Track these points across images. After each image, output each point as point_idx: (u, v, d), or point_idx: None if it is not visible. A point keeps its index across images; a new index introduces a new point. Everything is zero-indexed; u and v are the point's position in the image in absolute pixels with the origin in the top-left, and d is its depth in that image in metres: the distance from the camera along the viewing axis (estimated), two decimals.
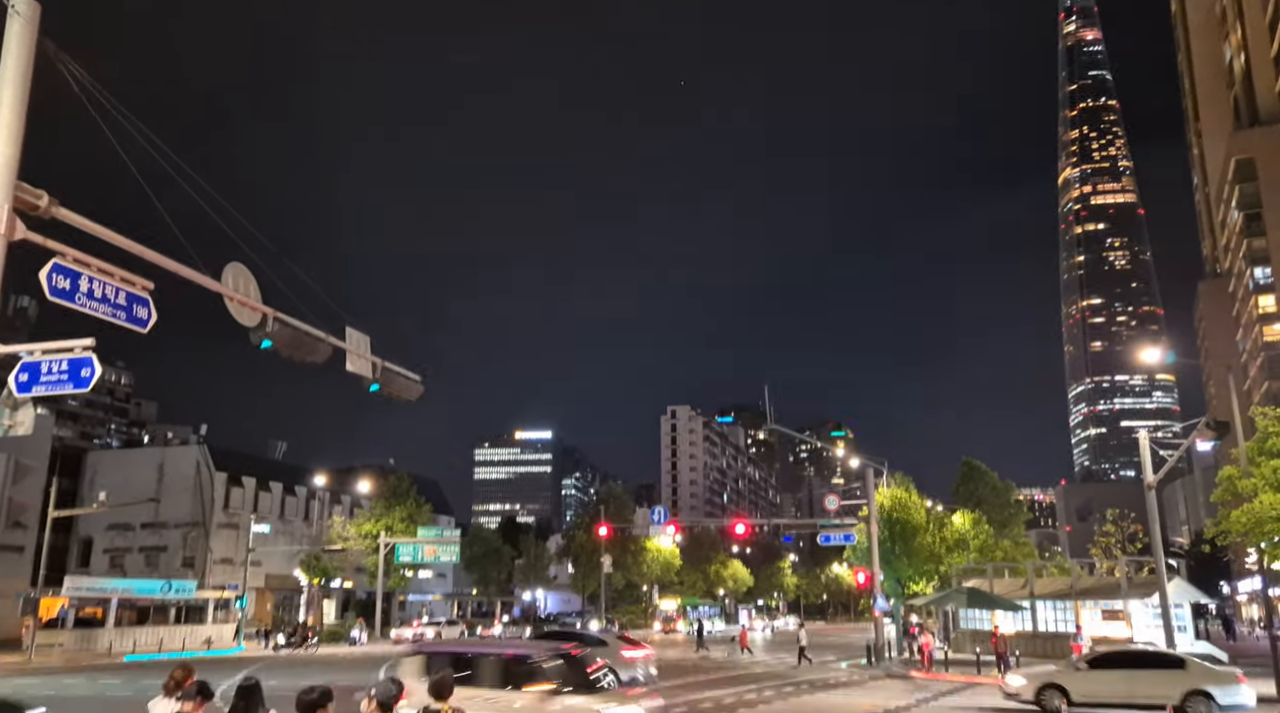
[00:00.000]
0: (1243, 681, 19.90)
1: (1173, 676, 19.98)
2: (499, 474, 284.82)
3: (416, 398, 16.68)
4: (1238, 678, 19.93)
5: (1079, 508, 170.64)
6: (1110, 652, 22.86)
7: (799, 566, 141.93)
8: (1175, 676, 19.96)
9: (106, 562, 67.83)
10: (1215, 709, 19.18)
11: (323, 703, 6.06)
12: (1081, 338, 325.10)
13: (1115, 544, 63.53)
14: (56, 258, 9.06)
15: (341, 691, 6.42)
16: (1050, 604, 40.95)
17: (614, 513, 79.25)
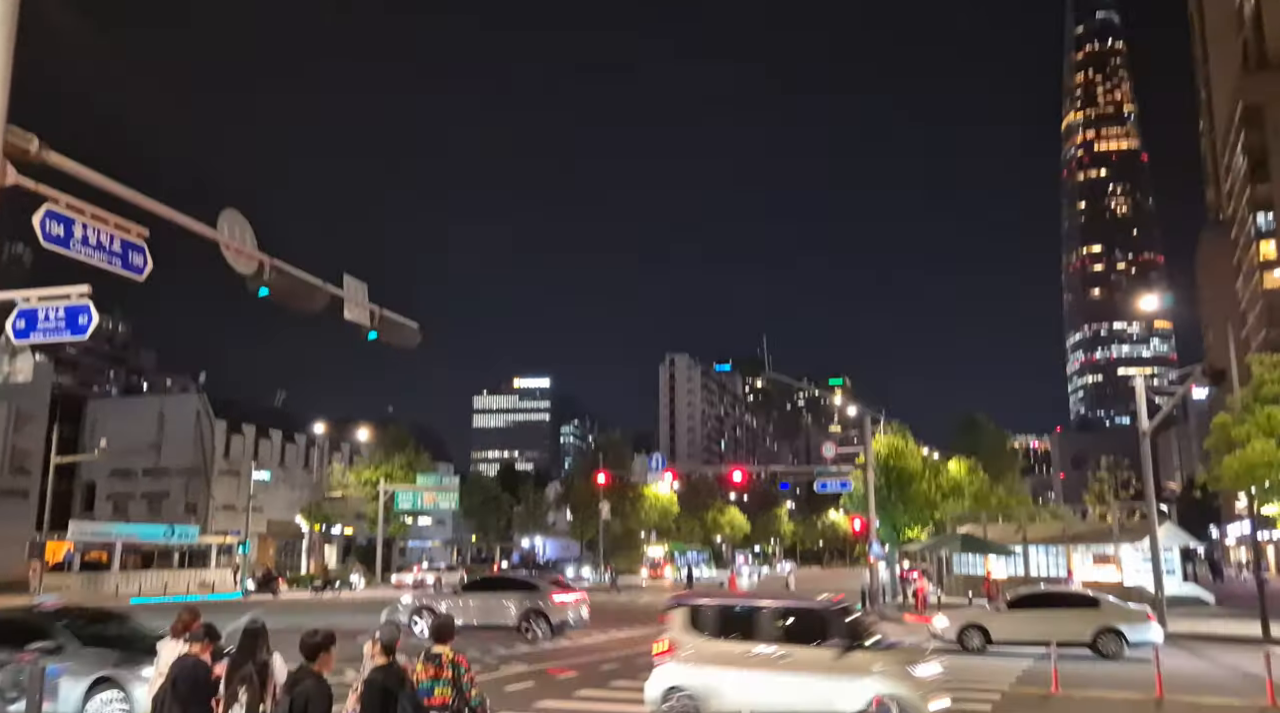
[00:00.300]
0: (1151, 618, 20.77)
1: (1087, 614, 20.68)
2: (497, 422, 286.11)
3: (415, 346, 16.68)
4: (1147, 616, 20.77)
5: (1074, 456, 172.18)
6: (1029, 593, 23.70)
7: (796, 513, 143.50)
8: (1089, 614, 20.67)
9: (110, 507, 68.49)
10: (1125, 645, 19.95)
11: (326, 646, 6.16)
12: (1081, 286, 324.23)
13: (1108, 491, 64.14)
14: (49, 204, 8.97)
15: (343, 634, 6.51)
16: (1043, 549, 41.53)
17: (612, 461, 79.75)
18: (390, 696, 6.01)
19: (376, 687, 6.04)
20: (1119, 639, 20.08)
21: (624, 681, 15.62)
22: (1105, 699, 14.22)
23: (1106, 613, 20.65)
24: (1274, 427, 24.88)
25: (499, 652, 20.21)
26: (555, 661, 18.98)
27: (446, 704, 6.69)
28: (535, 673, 17.11)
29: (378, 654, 6.32)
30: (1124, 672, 17.49)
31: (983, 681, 16.12)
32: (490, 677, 16.03)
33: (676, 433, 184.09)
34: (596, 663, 18.65)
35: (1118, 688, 15.37)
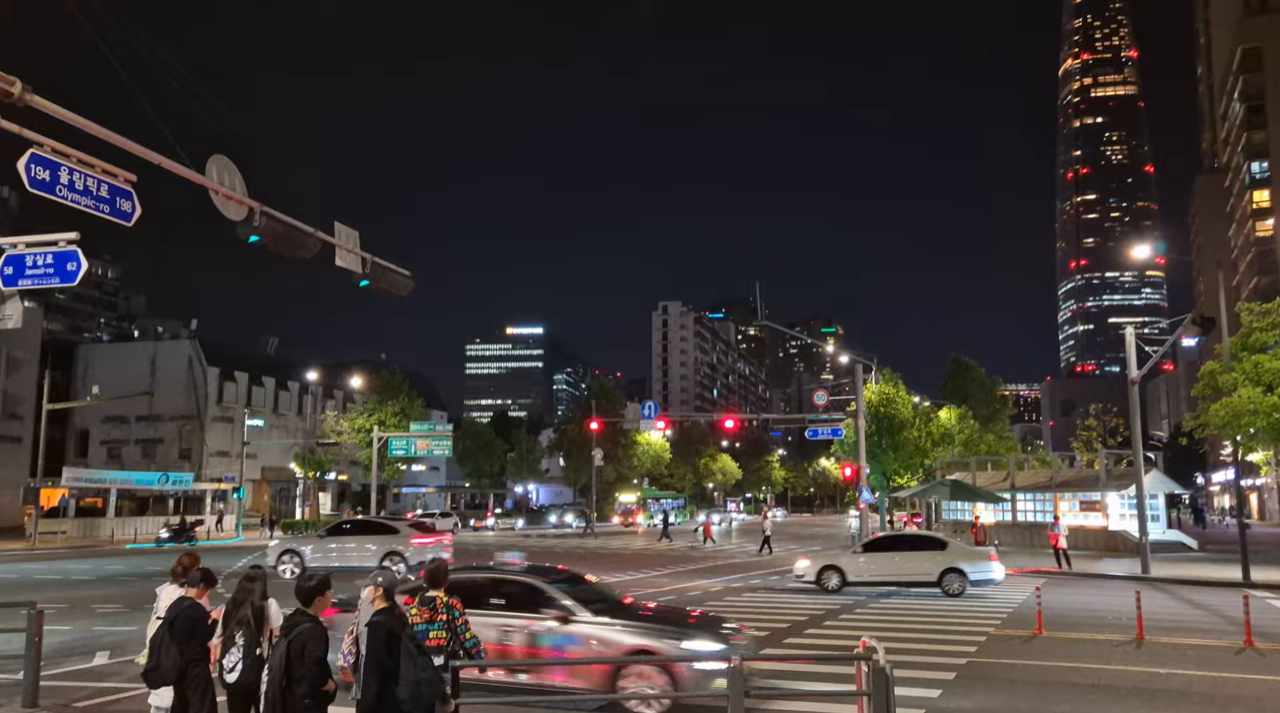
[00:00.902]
0: (993, 559, 22.00)
1: (934, 555, 21.79)
2: (491, 370, 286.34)
3: (406, 293, 16.58)
4: (988, 557, 22.04)
5: (1063, 403, 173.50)
6: (883, 536, 25.31)
7: (787, 459, 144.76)
8: (936, 555, 21.78)
9: (104, 453, 68.68)
10: (966, 583, 21.25)
11: (321, 590, 6.23)
12: (1075, 234, 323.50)
13: (1096, 438, 64.91)
14: (34, 148, 8.82)
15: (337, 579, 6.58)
16: (1030, 496, 42.06)
17: (605, 408, 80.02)
18: (394, 637, 6.11)
19: (381, 628, 6.13)
20: (962, 578, 21.29)
21: None
22: (1088, 640, 14.53)
23: (952, 554, 21.79)
24: (1261, 374, 25.04)
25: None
26: None
27: (441, 646, 6.81)
28: None
29: (379, 599, 6.40)
30: (1107, 615, 17.85)
31: (966, 624, 16.45)
32: None
33: (669, 380, 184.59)
34: None
35: (1101, 630, 15.71)
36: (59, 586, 23.77)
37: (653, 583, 24.66)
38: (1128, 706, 10.00)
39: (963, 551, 22.36)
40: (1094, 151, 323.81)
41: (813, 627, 16.15)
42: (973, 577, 21.43)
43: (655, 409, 54.58)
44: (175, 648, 6.83)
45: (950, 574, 21.34)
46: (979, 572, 21.51)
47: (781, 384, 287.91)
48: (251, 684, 6.59)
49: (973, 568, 21.52)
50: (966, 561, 21.66)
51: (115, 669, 12.00)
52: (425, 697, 6.01)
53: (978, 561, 21.80)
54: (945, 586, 21.24)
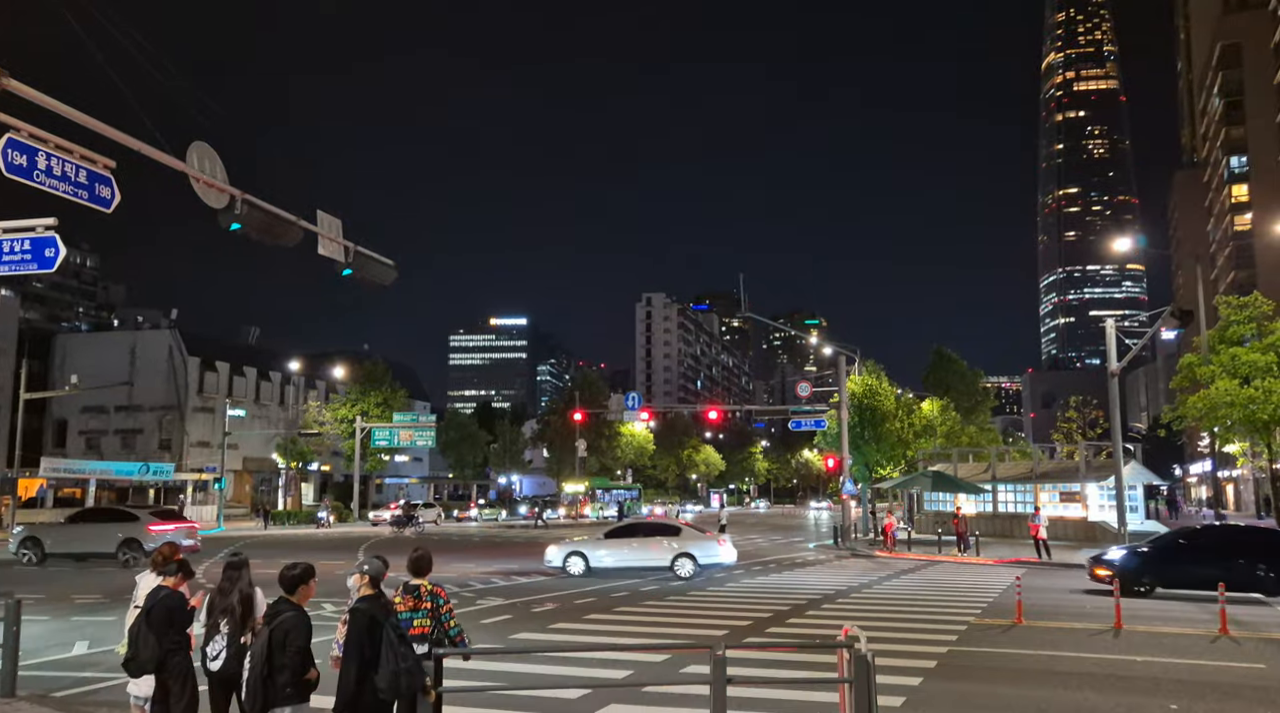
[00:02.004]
0: (721, 543, 23.85)
1: (667, 541, 23.48)
2: (474, 360, 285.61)
3: (390, 283, 16.49)
4: (718, 542, 23.87)
5: (1044, 395, 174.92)
6: (623, 524, 27.06)
7: (770, 451, 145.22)
8: (669, 541, 23.47)
9: (82, 444, 68.03)
10: (696, 566, 22.98)
11: (305, 579, 6.21)
12: (1056, 227, 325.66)
13: (1076, 430, 65.31)
14: (10, 133, 8.72)
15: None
16: (1011, 487, 42.39)
17: (588, 399, 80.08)
18: (376, 624, 6.11)
19: (364, 615, 6.13)
20: (692, 561, 22.92)
21: None
22: (1067, 629, 14.69)
23: (684, 540, 23.47)
24: (1238, 367, 25.38)
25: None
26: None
27: (426, 634, 6.80)
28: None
29: (365, 586, 6.39)
30: (1086, 604, 18.05)
31: (946, 614, 16.59)
32: None
33: (653, 371, 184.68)
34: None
35: (1080, 619, 15.88)
36: (37, 576, 23.56)
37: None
38: (1105, 692, 10.12)
39: (694, 536, 23.89)
40: (1075, 145, 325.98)
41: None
42: (702, 561, 23.18)
43: (639, 400, 54.69)
44: (153, 637, 6.79)
45: (681, 558, 22.96)
46: (708, 556, 23.33)
47: (765, 376, 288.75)
48: (234, 673, 6.54)
49: (702, 553, 23.26)
50: (697, 546, 23.27)
51: (95, 659, 11.92)
52: (404, 687, 6.01)
53: (707, 545, 23.49)
54: (676, 569, 22.75)
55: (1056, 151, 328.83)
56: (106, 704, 9.19)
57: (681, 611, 16.82)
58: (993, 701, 9.76)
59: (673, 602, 18.13)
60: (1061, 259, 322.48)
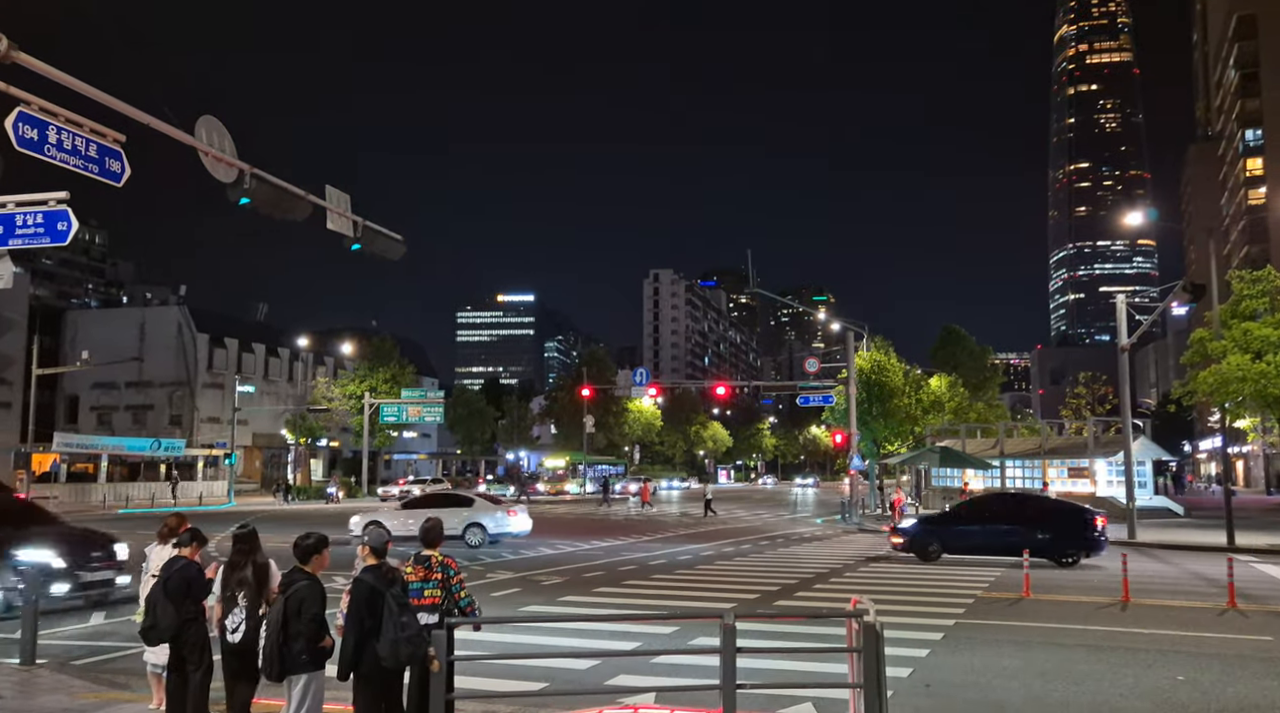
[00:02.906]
0: (512, 514, 25.57)
1: (461, 511, 24.99)
2: (481, 337, 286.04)
3: (398, 257, 16.50)
4: (508, 512, 25.65)
5: (1053, 371, 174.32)
6: (420, 496, 29.06)
7: (778, 427, 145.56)
8: (463, 511, 25.02)
9: (94, 419, 68.50)
10: (486, 536, 24.64)
11: (318, 549, 6.28)
12: (1067, 203, 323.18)
13: (1085, 406, 65.33)
14: (21, 106, 8.71)
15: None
16: (1019, 463, 42.42)
17: (596, 375, 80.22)
18: (377, 593, 6.17)
19: (365, 585, 6.20)
20: (482, 531, 24.53)
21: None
22: (1074, 603, 14.74)
23: (476, 509, 25.17)
24: (1250, 341, 25.21)
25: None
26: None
27: (436, 604, 6.87)
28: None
29: (368, 557, 6.45)
30: (1093, 578, 18.11)
31: (954, 587, 16.66)
32: None
33: (660, 348, 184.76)
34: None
35: (1087, 593, 15.93)
36: None
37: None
38: (1111, 663, 10.17)
39: (485, 507, 25.54)
40: (1087, 119, 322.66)
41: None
42: (491, 531, 24.81)
43: (647, 376, 54.75)
44: (171, 606, 6.88)
45: (472, 528, 24.55)
46: (498, 525, 25.01)
47: (773, 352, 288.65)
48: (253, 645, 6.59)
49: (492, 522, 24.92)
50: (487, 517, 24.97)
51: (111, 629, 12.09)
52: (405, 655, 6.08)
53: (498, 517, 25.19)
54: (467, 538, 24.27)
55: (1068, 126, 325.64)
56: (124, 673, 9.33)
57: (690, 584, 16.94)
58: (998, 671, 9.82)
59: (681, 575, 18.25)
60: (1072, 235, 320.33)
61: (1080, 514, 21.02)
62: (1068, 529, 20.43)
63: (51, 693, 8.10)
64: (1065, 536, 20.27)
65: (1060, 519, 20.78)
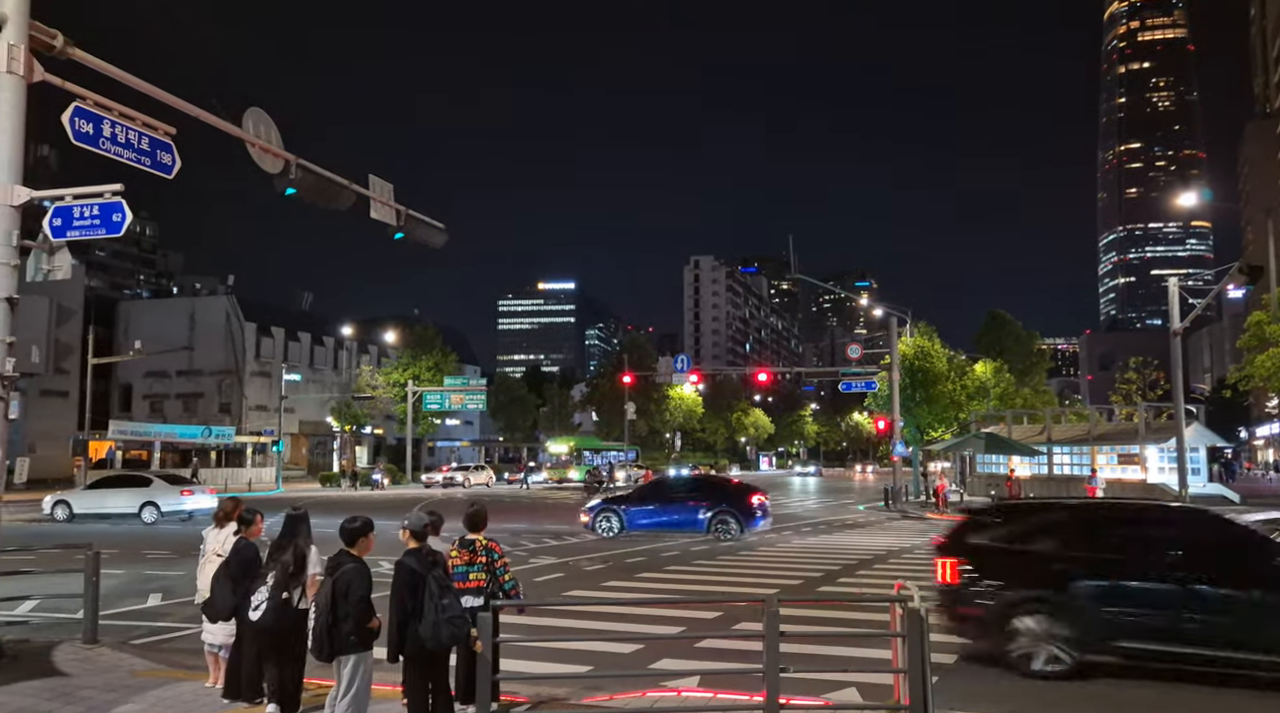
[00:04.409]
0: (186, 494, 27.49)
1: (139, 491, 27.20)
2: (523, 325, 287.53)
3: (440, 245, 16.66)
4: (182, 493, 27.51)
5: (1102, 356, 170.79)
6: (102, 477, 31.40)
7: (820, 414, 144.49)
8: (139, 491, 27.19)
9: (147, 407, 70.17)
10: (159, 513, 26.71)
11: (364, 531, 6.39)
12: (1117, 184, 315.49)
13: (1136, 391, 63.88)
14: (77, 101, 8.93)
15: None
16: (1067, 450, 41.71)
17: (637, 362, 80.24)
18: (418, 576, 6.26)
19: (406, 568, 6.31)
20: (156, 509, 26.69)
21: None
22: None
23: (152, 490, 27.25)
24: None
25: None
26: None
27: (481, 588, 6.97)
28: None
29: (409, 540, 6.56)
30: None
31: None
32: None
33: (701, 335, 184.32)
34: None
35: None
36: (110, 533, 24.49)
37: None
38: None
39: (162, 488, 27.47)
40: (1139, 98, 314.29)
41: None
42: (165, 509, 26.77)
43: (688, 362, 54.68)
44: (229, 585, 7.13)
45: (147, 506, 26.71)
46: (172, 505, 27.00)
47: (814, 339, 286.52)
48: (270, 627, 6.73)
49: (166, 502, 26.90)
50: (163, 496, 26.97)
51: (168, 610, 12.42)
52: (446, 636, 6.17)
53: (171, 496, 27.16)
54: (143, 516, 26.48)
55: (1118, 105, 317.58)
56: (182, 651, 9.60)
57: (733, 570, 16.94)
58: None
59: (724, 561, 18.25)
60: (1122, 217, 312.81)
61: (741, 494, 23.28)
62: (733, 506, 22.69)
63: (112, 671, 8.36)
64: (728, 511, 22.54)
65: (726, 497, 23.11)
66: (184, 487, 28.47)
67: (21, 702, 7.35)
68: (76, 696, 7.51)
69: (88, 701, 7.36)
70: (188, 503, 27.34)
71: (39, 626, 10.73)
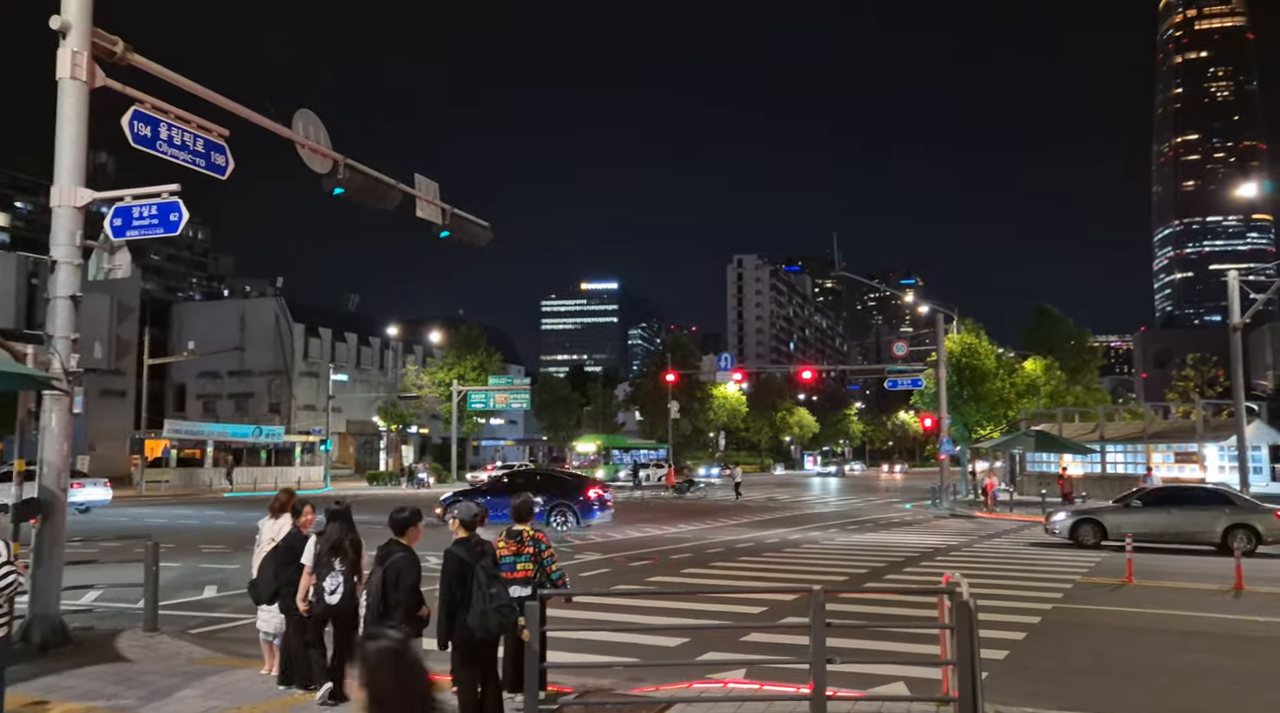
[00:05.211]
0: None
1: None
2: (566, 325, 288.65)
3: (484, 244, 16.84)
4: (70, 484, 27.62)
5: (1157, 354, 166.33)
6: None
7: (865, 413, 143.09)
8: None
9: (200, 407, 71.77)
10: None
11: (414, 521, 6.49)
12: (1173, 177, 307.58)
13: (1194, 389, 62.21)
14: (136, 105, 9.19)
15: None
16: (1121, 448, 40.85)
17: (680, 361, 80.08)
18: (466, 565, 6.33)
19: (455, 557, 6.38)
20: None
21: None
22: (1181, 589, 14.17)
23: None
24: None
25: None
26: None
27: (529, 577, 7.04)
28: None
29: (458, 530, 6.64)
30: (1204, 565, 17.35)
31: (1051, 572, 16.18)
32: None
33: (745, 334, 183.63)
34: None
35: (1196, 579, 15.29)
36: (167, 528, 25.14)
37: None
38: (1225, 652, 9.76)
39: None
40: (1196, 89, 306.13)
41: None
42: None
43: (732, 361, 54.51)
44: (272, 570, 7.39)
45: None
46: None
47: (859, 337, 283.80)
48: (348, 609, 7.03)
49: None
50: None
51: (223, 601, 12.72)
52: (494, 625, 6.22)
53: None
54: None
55: (1174, 96, 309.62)
56: (238, 640, 9.85)
57: (778, 566, 16.88)
58: (1098, 658, 9.52)
59: (768, 558, 18.19)
60: (1178, 211, 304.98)
61: (578, 487, 24.63)
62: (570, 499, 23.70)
63: (171, 658, 8.59)
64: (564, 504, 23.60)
65: (565, 491, 24.20)
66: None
67: (89, 685, 7.59)
68: (139, 680, 7.74)
69: (149, 685, 7.58)
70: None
71: (102, 614, 11.05)
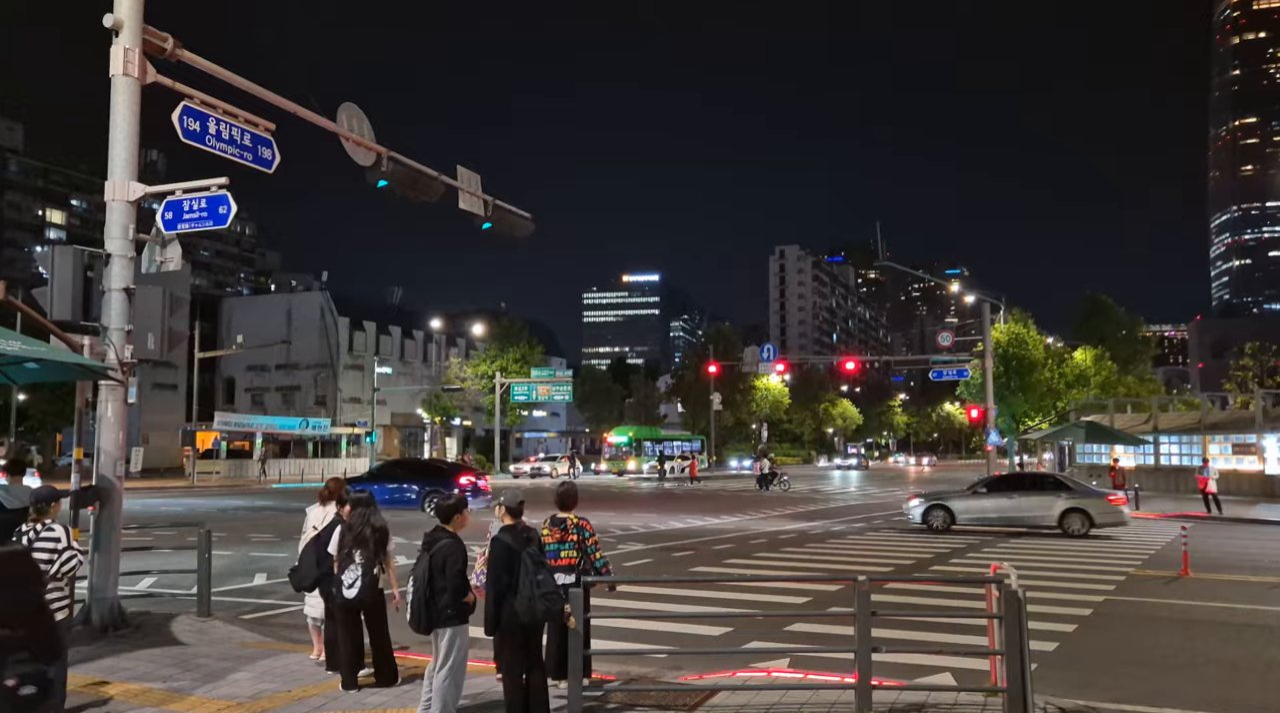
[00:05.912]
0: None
1: None
2: (608, 317, 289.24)
3: (527, 235, 16.89)
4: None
5: (1214, 343, 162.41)
6: None
7: (909, 404, 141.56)
8: None
9: (248, 400, 73.19)
10: None
11: (459, 509, 6.55)
12: (1231, 162, 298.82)
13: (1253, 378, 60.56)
14: (185, 100, 9.35)
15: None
16: (1175, 439, 39.88)
17: (723, 352, 79.80)
18: (513, 552, 6.36)
19: (501, 545, 6.42)
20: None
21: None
22: (1240, 582, 13.81)
23: None
24: None
25: None
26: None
27: (573, 565, 7.08)
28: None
29: (505, 517, 6.69)
30: (1263, 559, 16.90)
31: (1102, 565, 15.87)
32: None
33: (787, 325, 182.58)
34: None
35: (1256, 573, 14.89)
36: (218, 518, 25.70)
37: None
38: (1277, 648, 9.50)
39: None
40: (1255, 70, 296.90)
41: None
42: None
43: (774, 352, 54.09)
44: (314, 556, 7.52)
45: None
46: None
47: (903, 328, 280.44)
48: (366, 602, 7.14)
49: None
50: None
51: (273, 589, 12.97)
52: (541, 611, 6.25)
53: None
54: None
55: (1232, 78, 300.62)
56: (288, 626, 10.09)
57: (821, 557, 16.78)
58: (1151, 651, 9.32)
59: (811, 549, 18.08)
60: (1237, 196, 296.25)
61: (452, 475, 26.98)
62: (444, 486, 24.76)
63: (224, 642, 8.79)
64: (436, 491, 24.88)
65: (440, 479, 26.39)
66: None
67: (145, 668, 7.79)
68: (193, 663, 7.93)
69: (203, 668, 7.76)
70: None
71: (158, 599, 11.33)
